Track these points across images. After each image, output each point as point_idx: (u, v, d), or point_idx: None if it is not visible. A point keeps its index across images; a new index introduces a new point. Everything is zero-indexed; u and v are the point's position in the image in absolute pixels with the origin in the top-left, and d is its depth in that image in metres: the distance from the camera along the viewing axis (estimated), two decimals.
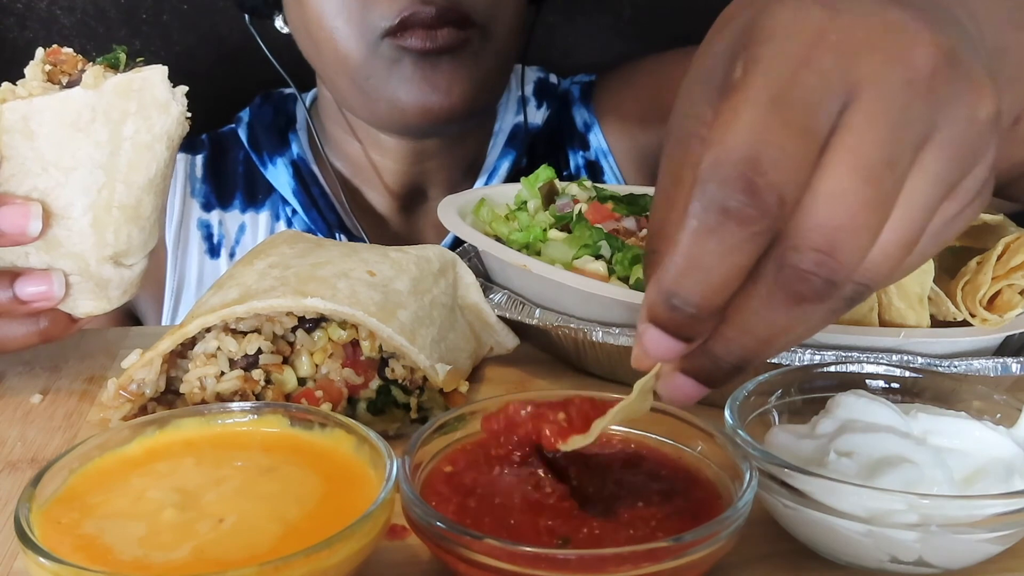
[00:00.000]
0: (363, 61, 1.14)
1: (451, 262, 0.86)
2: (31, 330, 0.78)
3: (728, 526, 0.52)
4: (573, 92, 1.39)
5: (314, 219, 1.28)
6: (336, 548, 0.51)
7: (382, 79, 1.14)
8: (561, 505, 0.56)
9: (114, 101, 0.73)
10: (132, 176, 0.75)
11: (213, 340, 0.73)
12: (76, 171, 0.73)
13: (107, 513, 0.56)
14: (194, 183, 1.32)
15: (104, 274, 0.77)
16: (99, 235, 0.75)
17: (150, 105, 0.74)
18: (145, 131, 0.74)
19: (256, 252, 0.83)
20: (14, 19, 1.47)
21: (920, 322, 0.74)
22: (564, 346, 0.84)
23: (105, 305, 0.79)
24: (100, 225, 0.75)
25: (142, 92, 0.74)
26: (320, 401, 0.73)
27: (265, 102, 1.36)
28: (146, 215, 0.77)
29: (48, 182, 0.73)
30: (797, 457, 0.59)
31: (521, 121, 1.34)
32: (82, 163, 0.73)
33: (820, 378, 0.68)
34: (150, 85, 0.74)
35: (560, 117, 1.38)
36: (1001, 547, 0.57)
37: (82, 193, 0.74)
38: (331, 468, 0.60)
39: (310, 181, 1.30)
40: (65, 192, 0.74)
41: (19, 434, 0.77)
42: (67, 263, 0.76)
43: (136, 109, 0.73)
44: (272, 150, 1.31)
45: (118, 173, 0.74)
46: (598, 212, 0.90)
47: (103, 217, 0.75)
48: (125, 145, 0.74)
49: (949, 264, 0.80)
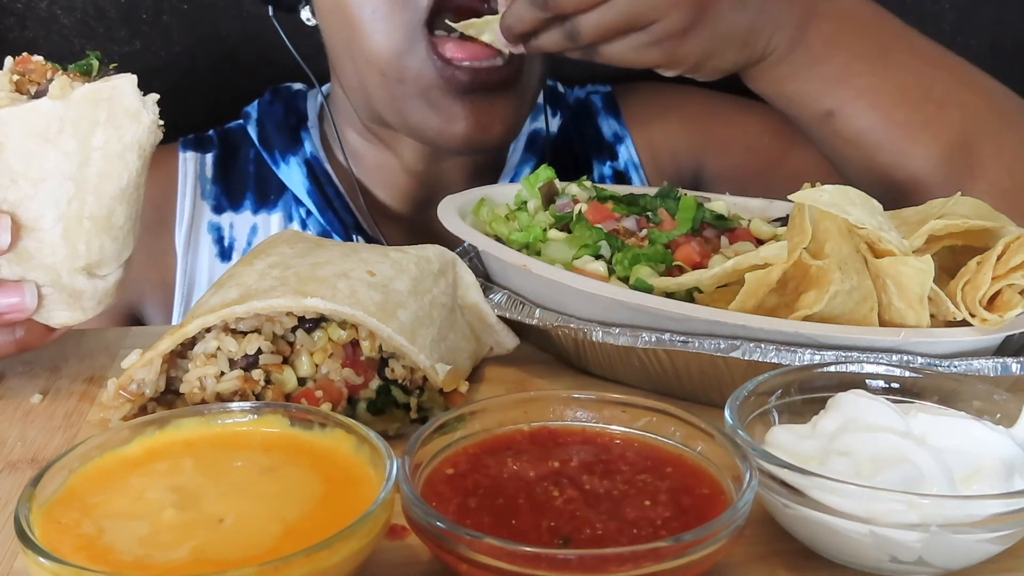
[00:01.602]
0: (398, 56, 1.09)
1: (451, 262, 0.86)
2: (7, 339, 0.79)
3: (728, 526, 0.52)
4: (595, 102, 1.39)
5: (330, 220, 1.25)
6: (336, 548, 0.51)
7: (413, 90, 1.10)
8: (563, 505, 0.56)
9: (83, 111, 0.72)
10: (103, 186, 0.74)
11: (213, 340, 0.73)
12: (45, 182, 0.72)
13: (107, 513, 0.56)
14: (204, 184, 1.29)
15: (77, 285, 0.77)
16: (70, 247, 0.75)
17: (120, 114, 0.73)
18: (115, 140, 0.73)
19: (256, 252, 0.83)
20: (14, 19, 1.47)
21: (920, 322, 0.74)
22: (564, 346, 0.84)
23: (80, 316, 0.79)
24: (71, 237, 0.74)
25: (112, 101, 0.73)
26: (320, 401, 0.73)
27: (275, 98, 1.32)
28: (119, 225, 0.77)
29: (17, 194, 0.73)
30: (797, 457, 0.59)
31: (540, 127, 1.33)
32: (51, 174, 0.72)
33: (820, 378, 0.68)
34: (120, 94, 0.73)
35: (579, 126, 1.37)
36: (1001, 547, 0.57)
37: (52, 205, 0.73)
38: (331, 468, 0.60)
39: (324, 181, 1.27)
40: (35, 204, 0.73)
41: (19, 434, 0.77)
42: (39, 275, 0.76)
43: (106, 119, 0.73)
44: (284, 149, 1.28)
45: (88, 184, 0.74)
46: (598, 212, 0.90)
47: (74, 229, 0.74)
48: (95, 155, 0.73)
49: (949, 264, 0.80)
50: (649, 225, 0.89)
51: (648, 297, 0.77)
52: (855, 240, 0.76)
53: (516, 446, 0.62)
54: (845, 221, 0.75)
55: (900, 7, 1.61)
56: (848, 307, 0.74)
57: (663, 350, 0.76)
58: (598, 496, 0.57)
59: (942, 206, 0.83)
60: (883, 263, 0.74)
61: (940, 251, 0.81)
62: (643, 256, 0.83)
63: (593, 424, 0.64)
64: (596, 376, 0.85)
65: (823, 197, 0.75)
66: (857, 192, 0.77)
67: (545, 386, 0.84)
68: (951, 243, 0.81)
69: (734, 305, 0.75)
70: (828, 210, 0.75)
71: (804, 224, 0.75)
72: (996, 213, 0.82)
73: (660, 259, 0.83)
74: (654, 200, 0.95)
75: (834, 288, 0.72)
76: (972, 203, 0.82)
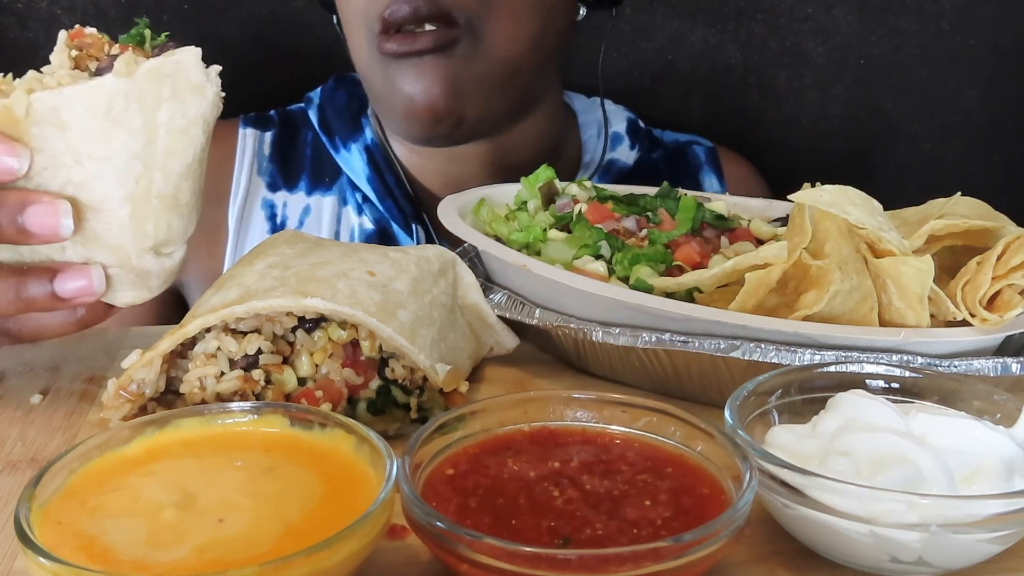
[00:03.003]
0: (368, 63, 1.15)
1: (451, 262, 0.86)
2: (68, 320, 0.77)
3: (728, 526, 0.52)
4: (698, 154, 1.41)
5: (389, 208, 1.26)
6: (336, 548, 0.51)
7: (379, 84, 1.16)
8: (563, 506, 0.56)
9: (147, 87, 0.70)
10: (169, 163, 0.72)
11: (213, 340, 0.73)
12: (111, 161, 0.70)
13: (107, 513, 0.56)
14: (261, 161, 1.31)
15: (145, 265, 0.75)
16: (139, 227, 0.73)
17: (184, 89, 0.71)
18: (180, 116, 0.72)
19: (256, 252, 0.83)
20: (14, 19, 1.47)
21: (920, 322, 0.74)
22: (564, 346, 0.84)
23: (146, 295, 0.77)
24: (139, 216, 0.73)
25: (175, 76, 0.71)
26: (320, 401, 0.73)
27: (338, 85, 1.34)
28: (184, 202, 0.75)
29: (82, 175, 0.70)
30: (797, 457, 0.59)
31: (615, 157, 1.35)
32: (117, 153, 0.70)
33: (820, 378, 0.68)
34: (184, 68, 0.71)
35: (674, 170, 1.39)
36: (1001, 547, 0.57)
37: (119, 185, 0.71)
38: (331, 468, 0.60)
39: (385, 169, 1.28)
40: (101, 185, 0.71)
41: (19, 434, 0.77)
42: (106, 255, 0.74)
43: (170, 94, 0.71)
44: (345, 135, 1.30)
45: (155, 161, 0.72)
46: (598, 212, 0.90)
47: (142, 208, 0.73)
48: (160, 132, 0.71)
49: (949, 264, 0.80)
50: (649, 225, 0.89)
51: (648, 297, 0.77)
52: (855, 240, 0.76)
53: (516, 446, 0.62)
54: (845, 221, 0.75)
55: (900, 7, 1.62)
56: (848, 307, 0.74)
57: (663, 350, 0.76)
58: (598, 496, 0.57)
59: (942, 206, 0.83)
60: (883, 263, 0.75)
61: (940, 251, 0.81)
62: (643, 256, 0.83)
63: (593, 424, 0.64)
64: (596, 376, 0.85)
65: (823, 197, 0.75)
66: (857, 192, 0.77)
67: (545, 386, 0.84)
68: (951, 243, 0.81)
69: (734, 305, 0.75)
70: (828, 210, 0.75)
71: (804, 224, 0.75)
72: (996, 213, 0.82)
73: (660, 259, 0.83)
74: (654, 200, 0.94)
75: (834, 288, 0.72)
76: (972, 203, 0.82)
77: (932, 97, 1.63)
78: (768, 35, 1.59)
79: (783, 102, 1.63)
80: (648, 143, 1.40)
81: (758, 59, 1.60)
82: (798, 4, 1.58)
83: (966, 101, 1.64)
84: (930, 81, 1.62)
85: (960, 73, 1.62)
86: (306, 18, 1.48)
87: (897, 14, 1.58)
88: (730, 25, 1.59)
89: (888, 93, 1.63)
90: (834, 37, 1.59)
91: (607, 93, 1.44)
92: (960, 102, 1.64)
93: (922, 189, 0.94)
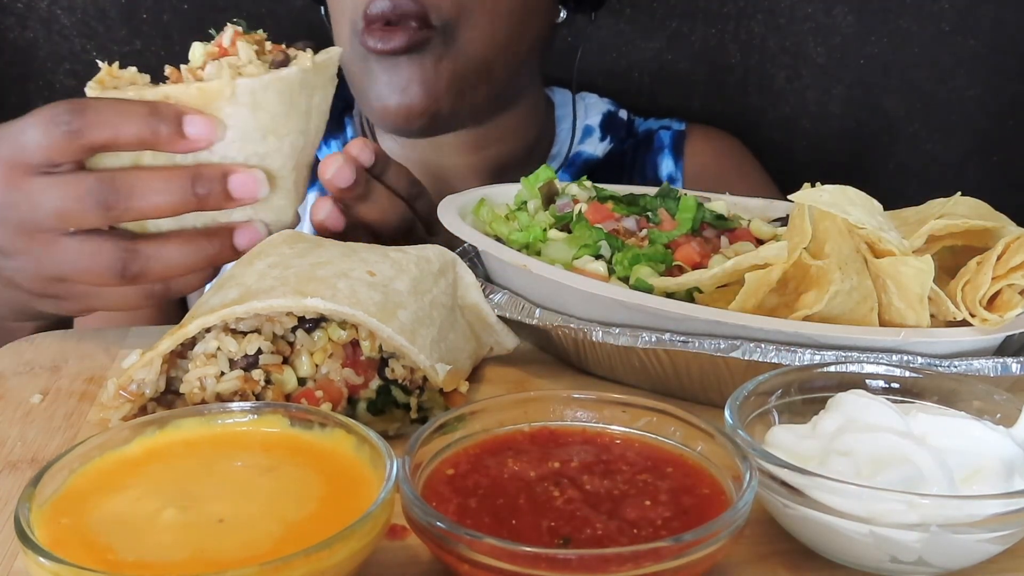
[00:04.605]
0: (349, 56, 1.18)
1: (451, 262, 0.86)
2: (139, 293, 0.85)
3: (728, 526, 0.52)
4: (663, 138, 1.41)
5: None
6: (336, 548, 0.51)
7: (359, 79, 1.19)
8: (563, 506, 0.56)
9: (312, 77, 0.86)
10: (316, 138, 0.90)
11: (213, 340, 0.73)
12: (288, 137, 0.86)
13: (107, 513, 0.56)
14: None
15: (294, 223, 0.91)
16: (297, 191, 0.90)
17: (327, 78, 0.89)
18: (324, 100, 0.89)
19: (256, 252, 0.83)
20: (14, 19, 1.47)
21: (920, 322, 0.74)
22: (564, 346, 0.84)
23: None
24: (299, 182, 0.90)
25: (326, 67, 0.88)
26: (320, 401, 0.73)
27: None
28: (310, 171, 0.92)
29: (267, 147, 0.85)
30: (797, 457, 0.59)
31: (582, 150, 1.37)
32: (292, 130, 0.86)
33: (820, 378, 0.68)
34: (332, 62, 0.89)
35: (637, 157, 1.39)
36: (1001, 547, 0.57)
37: (290, 156, 0.87)
38: (331, 468, 0.60)
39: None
40: (280, 156, 0.86)
41: (19, 434, 0.77)
42: (266, 215, 0.88)
43: (322, 82, 0.88)
44: (327, 133, 1.31)
45: (311, 136, 0.89)
46: (598, 212, 0.90)
47: (302, 175, 0.90)
48: (314, 112, 0.88)
49: (949, 264, 0.80)
50: (649, 225, 0.89)
51: (648, 297, 0.77)
52: (855, 240, 0.76)
53: (516, 446, 0.62)
54: (845, 221, 0.75)
55: (900, 7, 1.62)
56: (848, 307, 0.74)
57: (663, 350, 0.76)
58: (598, 496, 0.57)
59: (942, 206, 0.83)
60: (883, 263, 0.75)
61: (940, 251, 0.81)
62: (643, 256, 0.83)
63: (593, 424, 0.64)
64: (596, 376, 0.85)
65: (823, 197, 0.75)
66: (857, 192, 0.77)
67: (545, 386, 0.84)
68: (951, 243, 0.81)
69: (734, 305, 0.75)
70: (828, 210, 0.75)
71: (804, 224, 0.75)
72: (996, 213, 0.82)
73: (660, 259, 0.83)
74: (654, 200, 0.95)
75: (834, 288, 0.72)
76: (972, 203, 0.82)
77: (932, 97, 1.63)
78: (768, 35, 1.59)
79: (783, 102, 1.63)
80: (625, 134, 1.42)
81: (758, 59, 1.60)
82: (798, 4, 1.58)
83: (966, 101, 1.64)
84: (930, 81, 1.62)
85: (960, 73, 1.62)
86: (305, 17, 1.48)
87: (897, 14, 1.58)
88: (730, 25, 1.59)
89: (888, 93, 1.63)
90: (834, 37, 1.59)
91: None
92: (960, 102, 1.64)
93: (922, 189, 0.94)
